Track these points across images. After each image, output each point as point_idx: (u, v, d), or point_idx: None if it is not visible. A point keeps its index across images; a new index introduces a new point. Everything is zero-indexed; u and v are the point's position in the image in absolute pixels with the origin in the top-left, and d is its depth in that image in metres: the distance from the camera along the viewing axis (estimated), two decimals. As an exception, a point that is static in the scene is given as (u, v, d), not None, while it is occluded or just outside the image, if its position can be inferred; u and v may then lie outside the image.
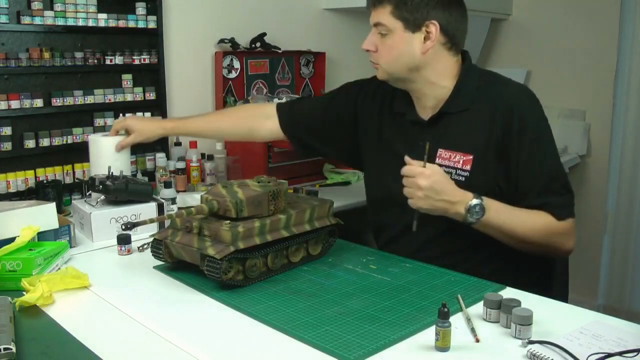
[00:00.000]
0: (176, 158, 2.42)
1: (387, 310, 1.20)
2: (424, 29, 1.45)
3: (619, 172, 3.13)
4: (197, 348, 1.05)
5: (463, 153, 1.47)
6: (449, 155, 1.49)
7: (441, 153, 1.50)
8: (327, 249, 1.54)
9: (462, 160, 1.47)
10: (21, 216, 1.50)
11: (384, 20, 1.46)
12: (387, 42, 1.47)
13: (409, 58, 1.47)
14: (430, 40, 1.46)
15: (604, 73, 3.16)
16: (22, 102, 2.06)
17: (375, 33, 1.49)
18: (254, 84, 2.74)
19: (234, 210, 1.33)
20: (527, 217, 1.42)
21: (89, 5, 2.16)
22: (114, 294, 1.30)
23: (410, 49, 1.46)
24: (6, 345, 0.99)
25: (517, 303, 1.12)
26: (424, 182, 1.35)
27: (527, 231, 1.41)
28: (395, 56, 1.48)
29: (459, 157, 1.47)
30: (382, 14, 1.46)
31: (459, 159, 1.47)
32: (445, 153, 1.49)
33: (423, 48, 1.46)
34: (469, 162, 1.46)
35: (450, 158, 1.48)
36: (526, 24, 3.48)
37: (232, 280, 1.30)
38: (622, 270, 3.17)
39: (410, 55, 1.47)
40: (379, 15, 1.47)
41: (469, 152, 1.47)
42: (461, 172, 1.46)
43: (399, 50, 1.47)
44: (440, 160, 1.49)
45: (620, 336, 1.07)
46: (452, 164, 1.48)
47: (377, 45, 1.49)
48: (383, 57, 1.49)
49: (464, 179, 1.46)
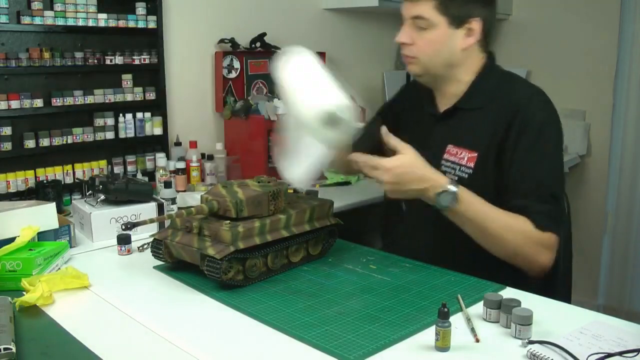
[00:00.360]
0: (176, 158, 2.42)
1: (387, 310, 1.20)
2: (467, 25, 1.43)
3: (619, 172, 3.13)
4: (197, 348, 1.05)
5: (469, 150, 1.47)
6: (455, 152, 1.48)
7: (449, 149, 1.49)
8: (327, 249, 1.54)
9: (467, 157, 1.46)
10: (21, 216, 1.50)
11: (427, 14, 1.42)
12: (428, 36, 1.44)
13: (449, 54, 1.46)
14: (472, 37, 1.45)
15: (604, 73, 3.16)
16: (22, 102, 2.06)
17: (412, 26, 1.45)
18: (254, 84, 2.74)
19: (234, 210, 1.33)
20: (502, 217, 1.37)
21: (89, 5, 2.17)
22: (114, 294, 1.30)
23: (451, 45, 1.45)
24: (6, 345, 0.99)
25: (517, 303, 1.12)
26: (385, 177, 1.32)
27: (500, 230, 1.36)
28: (436, 51, 1.45)
29: (465, 154, 1.47)
30: (425, 8, 1.42)
31: (464, 156, 1.47)
32: (453, 149, 1.49)
33: (464, 44, 1.45)
34: (473, 160, 1.46)
35: (457, 154, 1.48)
36: (526, 24, 3.48)
37: (232, 280, 1.30)
38: (622, 270, 3.17)
39: (450, 51, 1.46)
40: (420, 8, 1.42)
41: (474, 150, 1.46)
42: (465, 169, 1.46)
43: (441, 45, 1.44)
44: (447, 155, 1.49)
45: (620, 336, 1.07)
46: (457, 160, 1.48)
47: (415, 39, 1.45)
48: (422, 51, 1.46)
49: (467, 176, 1.45)
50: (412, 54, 1.47)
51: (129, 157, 2.37)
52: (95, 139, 2.25)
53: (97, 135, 2.25)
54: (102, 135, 2.26)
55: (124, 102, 2.31)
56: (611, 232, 3.18)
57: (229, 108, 2.58)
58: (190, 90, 2.58)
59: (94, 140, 2.24)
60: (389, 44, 3.44)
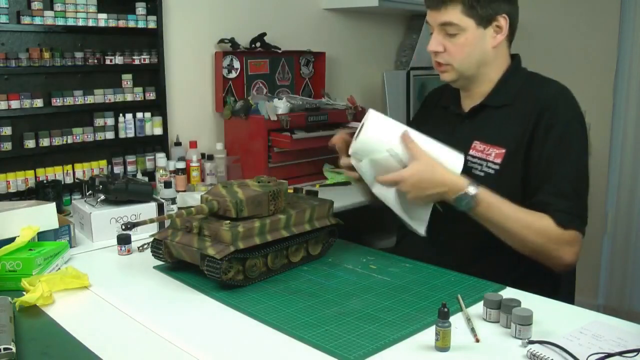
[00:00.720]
0: (176, 158, 2.42)
1: (387, 310, 1.20)
2: (495, 23, 1.45)
3: (619, 172, 3.13)
4: (197, 348, 1.05)
5: (496, 146, 1.47)
6: (482, 148, 1.48)
7: (476, 145, 1.50)
8: (327, 249, 1.54)
9: (495, 154, 1.46)
10: (21, 216, 1.50)
11: (455, 20, 1.43)
12: (459, 41, 1.45)
13: (481, 54, 1.48)
14: (500, 34, 1.47)
15: (604, 73, 3.16)
16: (22, 102, 2.06)
17: (441, 33, 1.46)
18: (254, 84, 2.74)
19: (234, 210, 1.33)
20: (523, 216, 1.38)
21: (89, 5, 2.17)
22: (114, 294, 1.30)
23: (482, 45, 1.47)
24: (6, 345, 0.99)
25: (517, 303, 1.12)
26: (404, 187, 1.35)
27: (521, 229, 1.37)
28: (468, 53, 1.47)
29: (492, 150, 1.47)
30: (452, 14, 1.43)
31: (491, 152, 1.47)
32: (480, 145, 1.49)
33: (494, 42, 1.47)
34: (501, 156, 1.45)
35: (484, 151, 1.48)
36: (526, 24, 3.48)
37: (232, 280, 1.30)
38: (622, 270, 3.17)
39: (482, 51, 1.47)
40: (447, 15, 1.43)
41: (501, 146, 1.46)
42: (492, 165, 1.46)
43: (473, 47, 1.46)
44: (473, 151, 1.49)
45: (620, 336, 1.07)
46: (484, 157, 1.48)
47: (446, 46, 1.47)
48: (455, 57, 1.47)
49: (493, 172, 1.45)
50: (445, 61, 1.48)
51: (129, 157, 2.37)
52: (95, 139, 2.25)
53: (97, 135, 2.25)
54: (102, 135, 2.26)
55: (124, 102, 2.31)
56: (611, 232, 3.18)
57: (229, 108, 2.58)
58: (190, 90, 2.58)
59: (94, 140, 2.24)
60: (389, 44, 3.45)
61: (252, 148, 2.51)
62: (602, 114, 3.18)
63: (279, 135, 2.46)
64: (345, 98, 2.89)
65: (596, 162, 3.39)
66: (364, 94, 3.29)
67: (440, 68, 1.51)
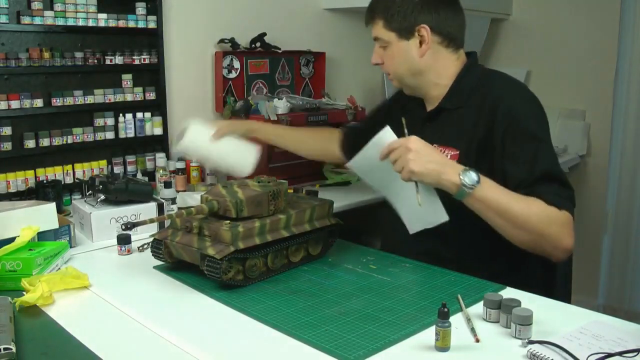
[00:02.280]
0: (176, 158, 2.42)
1: (387, 310, 1.20)
2: (417, 34, 1.51)
3: (619, 172, 3.13)
4: (197, 348, 1.05)
5: (451, 148, 1.50)
6: (440, 151, 1.50)
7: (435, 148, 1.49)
8: (327, 249, 1.54)
9: (450, 155, 1.49)
10: (21, 216, 1.50)
11: (380, 34, 1.55)
12: (389, 53, 1.56)
13: (410, 64, 1.55)
14: (425, 44, 1.52)
15: (604, 73, 3.16)
16: (22, 102, 2.06)
17: (378, 46, 1.58)
18: (254, 84, 2.74)
19: (234, 210, 1.33)
20: (523, 198, 1.35)
21: (89, 5, 2.16)
22: (114, 294, 1.30)
23: (409, 55, 1.54)
24: (6, 345, 0.99)
25: (517, 303, 1.12)
26: (411, 145, 1.33)
27: (524, 211, 1.32)
28: (398, 64, 1.56)
29: (448, 152, 1.50)
30: (377, 29, 1.56)
31: (447, 154, 1.49)
32: (438, 148, 1.50)
33: (420, 52, 1.53)
34: (455, 157, 1.48)
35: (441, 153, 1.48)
36: (526, 24, 3.49)
37: (232, 280, 1.30)
38: (622, 270, 3.17)
39: (410, 61, 1.54)
40: (375, 30, 1.56)
41: (455, 148, 1.50)
42: None
43: (400, 58, 1.55)
44: None
45: (620, 336, 1.07)
46: None
47: (382, 57, 1.58)
48: (390, 67, 1.58)
49: None
50: (385, 71, 1.62)
51: (129, 157, 2.36)
52: (95, 139, 2.24)
53: (97, 135, 2.25)
54: (102, 135, 2.26)
55: (124, 102, 2.31)
56: (611, 232, 3.18)
57: (229, 108, 2.58)
58: (190, 90, 2.58)
59: (94, 140, 2.24)
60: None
61: (252, 148, 2.50)
62: (602, 114, 3.18)
63: (279, 135, 2.45)
64: (345, 98, 2.89)
65: (596, 162, 3.39)
66: (364, 94, 3.29)
67: (389, 77, 1.63)
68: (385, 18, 1.53)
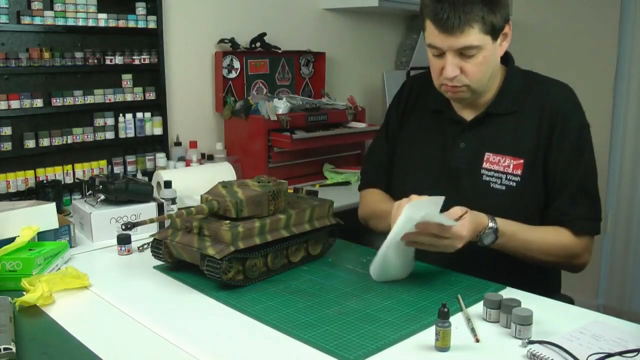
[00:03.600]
0: (176, 158, 2.42)
1: (387, 310, 1.20)
2: (503, 32, 1.37)
3: (619, 172, 3.14)
4: (197, 348, 1.05)
5: (512, 157, 1.41)
6: (497, 160, 1.43)
7: (489, 157, 1.44)
8: (327, 249, 1.54)
9: (513, 165, 1.41)
10: (21, 216, 1.50)
11: (475, 41, 1.31)
12: (477, 61, 1.34)
13: (494, 67, 1.40)
14: (506, 40, 1.40)
15: (604, 73, 3.16)
16: (22, 102, 2.06)
17: (457, 56, 1.34)
18: (254, 84, 2.74)
19: (234, 210, 1.33)
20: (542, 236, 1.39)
21: (89, 5, 2.17)
22: (114, 294, 1.30)
23: (494, 57, 1.39)
24: (6, 345, 0.99)
25: (517, 303, 1.12)
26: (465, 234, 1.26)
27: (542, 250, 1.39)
28: (486, 71, 1.37)
29: (509, 161, 1.42)
30: (471, 36, 1.30)
31: (509, 164, 1.42)
32: (494, 157, 1.43)
33: (502, 51, 1.40)
34: (520, 167, 1.41)
35: (499, 162, 1.43)
36: (526, 24, 3.48)
37: (232, 280, 1.30)
38: (622, 270, 3.18)
39: (494, 63, 1.40)
40: (466, 38, 1.30)
41: (518, 156, 1.41)
42: (512, 177, 1.42)
43: (489, 63, 1.37)
44: (488, 164, 1.44)
45: (620, 336, 1.07)
46: (502, 169, 1.42)
47: (463, 67, 1.35)
48: (474, 77, 1.36)
49: (515, 184, 1.41)
50: (462, 83, 1.38)
51: (129, 157, 2.37)
52: (95, 139, 2.25)
53: (97, 135, 2.25)
54: (102, 135, 2.27)
55: (124, 102, 2.31)
56: (611, 232, 3.18)
57: (229, 108, 2.58)
58: (190, 90, 2.58)
59: (94, 140, 2.24)
60: (389, 44, 3.44)
61: (252, 148, 2.51)
62: (602, 114, 3.18)
63: (279, 135, 2.46)
64: (345, 98, 2.89)
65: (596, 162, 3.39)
66: (364, 94, 3.29)
67: (454, 90, 1.40)
68: (484, 20, 1.29)
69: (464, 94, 1.40)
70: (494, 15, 1.30)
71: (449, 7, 1.28)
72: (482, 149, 1.45)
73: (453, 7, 1.28)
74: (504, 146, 1.43)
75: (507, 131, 1.44)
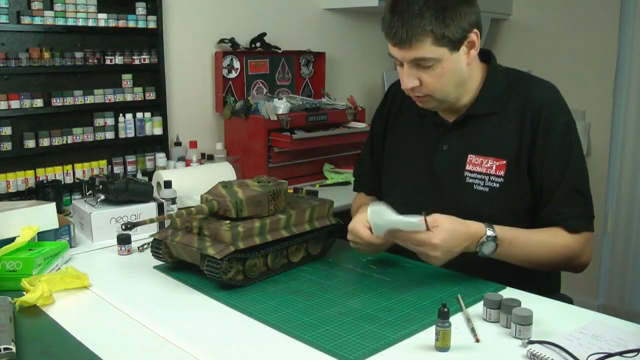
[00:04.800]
0: (176, 158, 2.42)
1: (387, 310, 1.20)
2: (466, 41, 1.34)
3: (619, 172, 3.13)
4: (197, 348, 1.05)
5: (495, 158, 1.40)
6: (480, 161, 1.42)
7: (471, 159, 1.43)
8: (327, 249, 1.54)
9: (495, 166, 1.40)
10: (21, 216, 1.50)
11: (427, 54, 1.30)
12: (435, 72, 1.33)
13: (458, 76, 1.37)
14: (474, 49, 1.36)
15: (604, 73, 3.16)
16: (22, 102, 2.06)
17: (414, 67, 1.34)
18: (254, 84, 2.74)
19: (234, 210, 1.33)
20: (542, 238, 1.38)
21: (89, 5, 2.17)
22: (114, 294, 1.30)
23: (459, 67, 1.36)
24: (6, 345, 0.99)
25: (517, 303, 1.12)
26: (436, 242, 1.25)
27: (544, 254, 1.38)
28: (447, 81, 1.36)
29: (491, 162, 1.40)
30: (422, 49, 1.29)
31: (491, 165, 1.40)
32: (476, 159, 1.42)
33: (468, 59, 1.37)
34: (503, 168, 1.39)
35: (482, 164, 1.42)
36: (526, 24, 3.48)
37: (232, 280, 1.30)
38: (622, 270, 3.17)
39: (459, 73, 1.37)
40: (417, 51, 1.30)
41: (501, 157, 1.40)
42: (495, 179, 1.40)
43: (450, 73, 1.35)
44: (470, 166, 1.43)
45: (620, 336, 1.07)
46: (485, 170, 1.41)
47: (421, 78, 1.35)
48: (434, 87, 1.36)
49: (498, 186, 1.40)
50: (422, 93, 1.38)
51: (129, 157, 2.37)
52: (95, 139, 2.25)
53: (97, 135, 2.25)
54: (102, 135, 2.27)
55: (124, 102, 2.31)
56: (611, 232, 3.18)
57: (229, 108, 2.58)
58: (190, 90, 2.58)
59: (94, 140, 2.24)
60: (389, 44, 3.44)
61: (252, 148, 2.51)
62: (602, 114, 3.18)
63: (279, 135, 2.46)
64: (345, 98, 2.89)
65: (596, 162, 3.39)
66: (364, 94, 3.29)
67: (419, 100, 1.40)
68: (436, 34, 1.28)
69: (430, 103, 1.40)
70: (446, 27, 1.28)
71: (398, 21, 1.30)
72: (464, 151, 1.44)
73: (402, 21, 1.29)
74: (487, 147, 1.42)
75: (490, 132, 1.43)
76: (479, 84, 1.45)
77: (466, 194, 1.43)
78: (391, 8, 1.33)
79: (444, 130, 1.48)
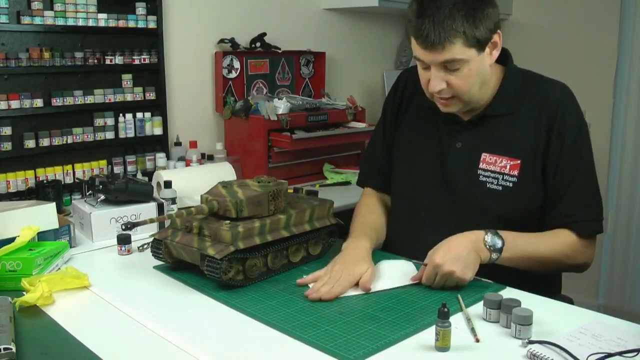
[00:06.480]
0: (176, 158, 2.42)
1: (387, 310, 1.20)
2: (490, 42, 1.36)
3: (619, 172, 3.13)
4: (197, 348, 1.05)
5: (509, 157, 1.41)
6: (494, 160, 1.42)
7: (485, 157, 1.43)
8: (327, 249, 1.54)
9: (510, 165, 1.41)
10: (21, 216, 1.50)
11: (458, 55, 1.31)
12: (463, 74, 1.34)
13: (482, 77, 1.39)
14: (496, 49, 1.39)
15: (604, 73, 3.16)
16: (22, 102, 2.06)
17: (441, 70, 1.34)
18: (254, 84, 2.74)
19: (234, 210, 1.33)
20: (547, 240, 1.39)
21: (89, 5, 2.16)
22: (114, 294, 1.30)
23: (483, 68, 1.37)
24: (6, 345, 0.99)
25: (517, 303, 1.12)
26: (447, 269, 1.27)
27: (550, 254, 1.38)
28: (474, 82, 1.37)
29: (505, 161, 1.41)
30: (452, 50, 1.30)
31: (505, 164, 1.41)
32: (490, 157, 1.43)
33: (491, 59, 1.39)
34: (517, 167, 1.40)
35: (496, 163, 1.42)
36: (526, 24, 3.48)
37: (232, 280, 1.30)
38: (622, 270, 3.17)
39: (484, 73, 1.38)
40: (448, 53, 1.30)
41: (515, 157, 1.41)
42: (508, 178, 1.41)
43: (477, 74, 1.36)
44: (484, 164, 1.43)
45: (620, 336, 1.07)
46: (498, 169, 1.42)
47: (449, 81, 1.35)
48: (461, 89, 1.36)
49: (511, 185, 1.40)
50: (450, 95, 1.38)
51: (129, 157, 2.37)
52: (95, 139, 2.25)
53: (97, 135, 2.25)
54: (102, 135, 2.27)
55: (124, 102, 2.31)
56: (611, 232, 3.18)
57: (229, 108, 2.58)
58: (190, 90, 2.58)
59: (94, 140, 2.24)
60: (389, 44, 3.44)
61: (252, 148, 2.51)
62: (602, 114, 3.18)
63: (279, 135, 2.46)
64: (345, 98, 2.89)
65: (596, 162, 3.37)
66: (364, 94, 3.29)
67: (443, 102, 1.41)
68: (466, 35, 1.29)
69: (455, 106, 1.41)
70: (476, 28, 1.30)
71: (429, 24, 1.29)
72: (478, 149, 1.45)
73: (433, 24, 1.28)
74: (501, 147, 1.43)
75: (504, 132, 1.44)
76: (495, 84, 1.46)
77: (478, 192, 1.43)
78: (418, 12, 1.31)
79: (459, 128, 1.48)
